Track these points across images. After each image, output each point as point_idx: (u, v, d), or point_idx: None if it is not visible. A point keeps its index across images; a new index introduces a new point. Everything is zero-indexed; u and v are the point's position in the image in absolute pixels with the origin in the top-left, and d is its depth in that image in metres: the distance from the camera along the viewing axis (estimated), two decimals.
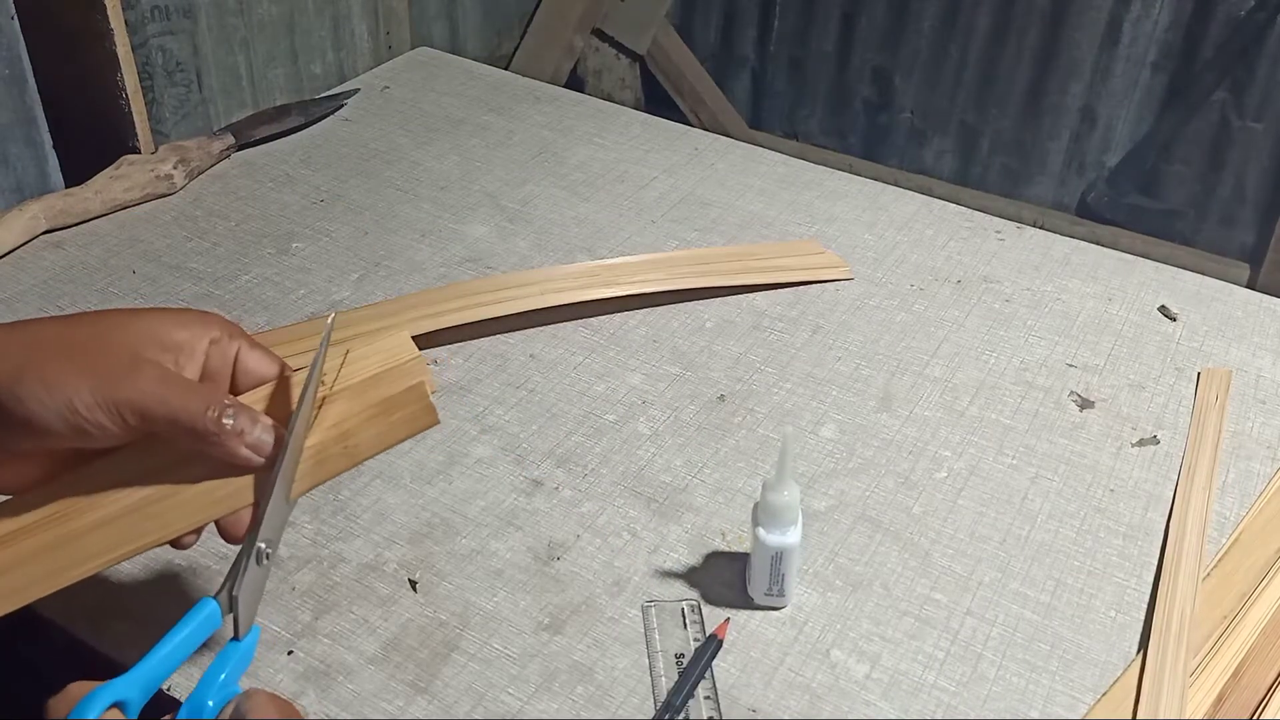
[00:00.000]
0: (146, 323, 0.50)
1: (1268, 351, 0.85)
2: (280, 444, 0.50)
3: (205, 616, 0.47)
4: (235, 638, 0.48)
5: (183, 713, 0.44)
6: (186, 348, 0.50)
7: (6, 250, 0.89)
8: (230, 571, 0.49)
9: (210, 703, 0.45)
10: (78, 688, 0.42)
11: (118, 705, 0.42)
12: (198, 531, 0.52)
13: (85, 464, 0.51)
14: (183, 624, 0.47)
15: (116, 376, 0.47)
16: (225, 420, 0.48)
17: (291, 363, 0.55)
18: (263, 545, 0.49)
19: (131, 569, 0.64)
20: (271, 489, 0.49)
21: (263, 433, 0.49)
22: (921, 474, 0.73)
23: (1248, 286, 0.95)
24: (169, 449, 0.50)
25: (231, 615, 0.48)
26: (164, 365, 0.49)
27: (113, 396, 0.46)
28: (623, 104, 1.28)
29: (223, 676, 0.46)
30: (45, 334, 0.48)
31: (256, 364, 0.53)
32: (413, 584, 0.64)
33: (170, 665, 0.46)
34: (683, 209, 1.00)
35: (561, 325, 0.84)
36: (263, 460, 0.49)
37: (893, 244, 0.96)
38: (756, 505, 0.61)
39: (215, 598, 0.48)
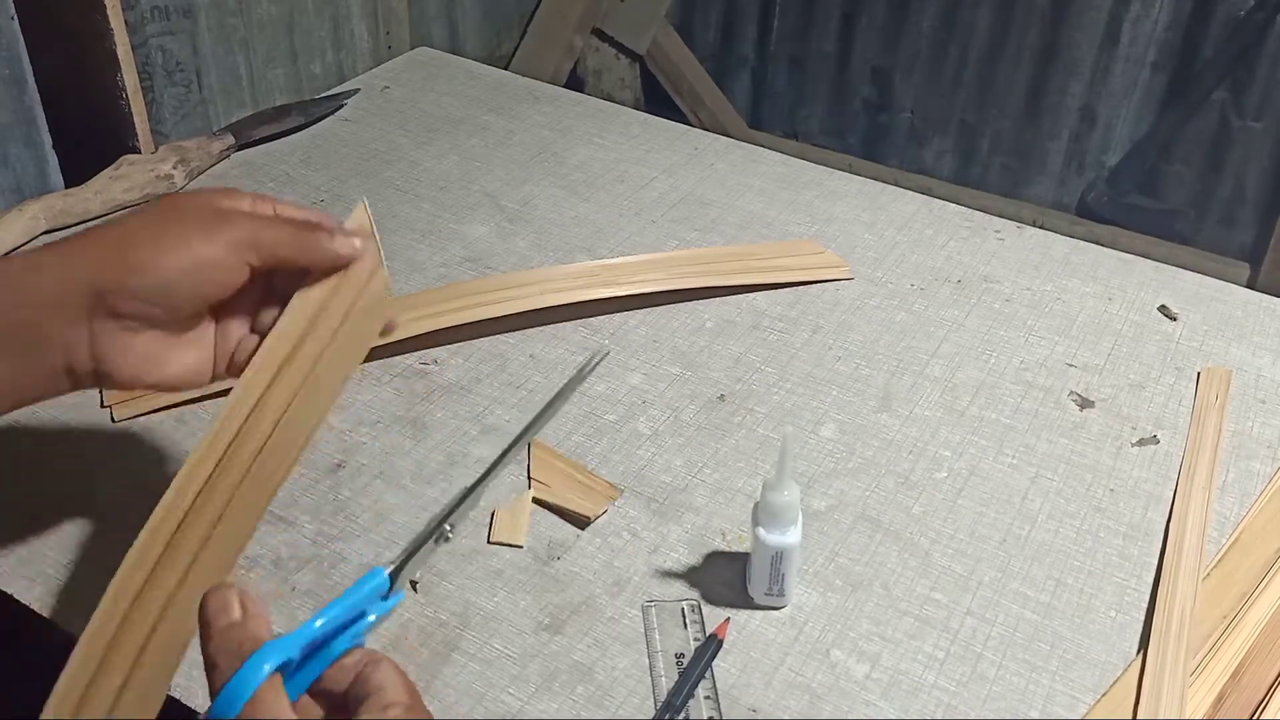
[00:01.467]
0: (210, 192, 0.55)
1: (1268, 351, 0.85)
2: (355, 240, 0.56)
3: (374, 587, 0.46)
4: (385, 596, 0.47)
5: (302, 635, 0.43)
6: (258, 203, 0.55)
7: (6, 250, 0.89)
8: (408, 549, 0.52)
9: (342, 646, 0.43)
10: (248, 641, 0.40)
11: (282, 667, 0.41)
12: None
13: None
14: (353, 590, 0.46)
15: (215, 223, 0.52)
16: (318, 231, 0.54)
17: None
18: (447, 527, 0.54)
19: None
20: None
21: (342, 232, 0.55)
22: (921, 474, 0.73)
23: (1248, 286, 0.95)
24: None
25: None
26: (248, 211, 0.54)
27: (220, 236, 0.51)
28: (623, 104, 1.28)
29: (362, 621, 0.44)
30: (133, 220, 0.53)
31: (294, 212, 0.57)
32: (413, 584, 0.64)
33: (336, 629, 0.44)
34: (683, 209, 1.00)
35: (561, 325, 0.84)
36: (357, 252, 0.55)
37: (892, 244, 0.96)
38: (756, 505, 0.61)
39: (387, 569, 0.47)
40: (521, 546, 0.66)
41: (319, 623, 0.43)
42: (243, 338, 0.56)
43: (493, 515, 0.68)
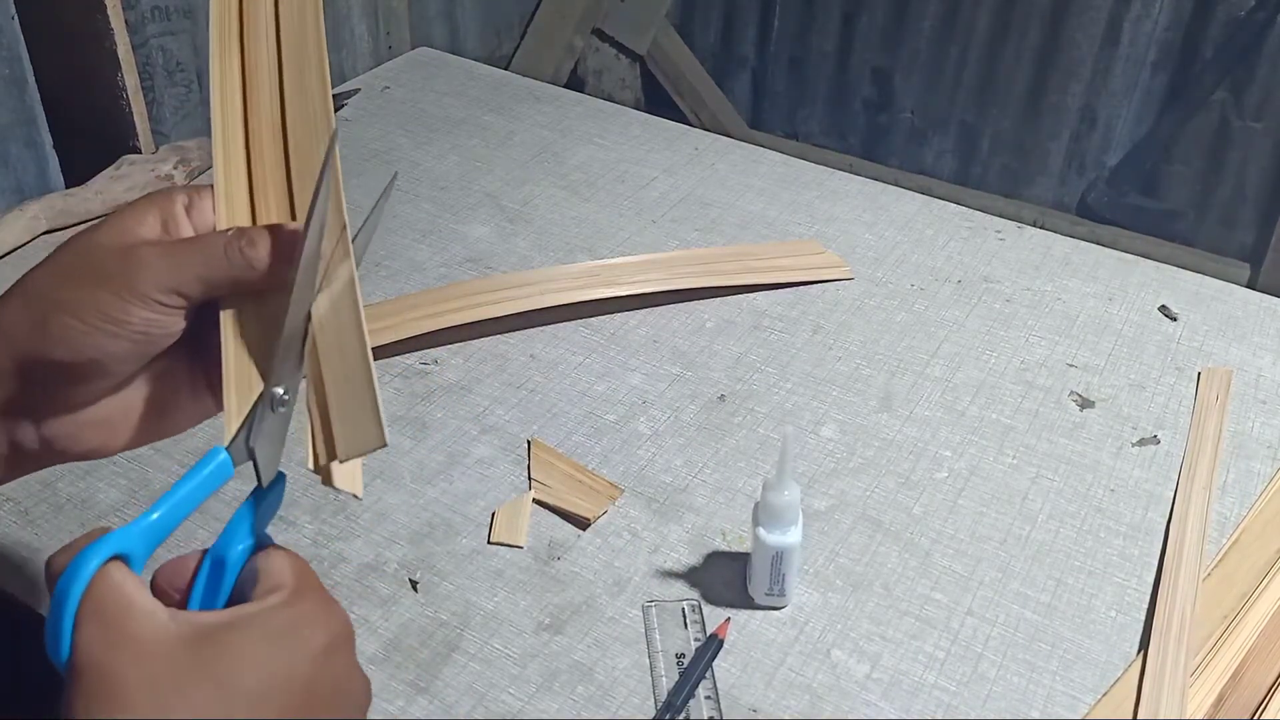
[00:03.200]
0: (122, 220, 0.47)
1: (1268, 351, 0.85)
2: (295, 242, 0.46)
3: (215, 466, 0.43)
4: (259, 486, 0.44)
5: (208, 557, 0.42)
6: (170, 224, 0.48)
7: (7, 250, 0.89)
8: (244, 421, 0.45)
9: (240, 548, 0.42)
10: (82, 539, 0.39)
11: (120, 558, 0.39)
12: None
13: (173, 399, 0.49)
14: (190, 475, 0.43)
15: (126, 274, 0.44)
16: (247, 251, 0.46)
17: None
18: (279, 391, 0.45)
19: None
20: (282, 325, 0.45)
21: (286, 239, 0.46)
22: (922, 474, 0.73)
23: (1248, 286, 0.95)
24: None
25: (252, 465, 0.44)
26: (159, 241, 0.47)
27: (135, 291, 0.44)
28: (623, 104, 1.28)
29: (249, 525, 0.42)
30: (39, 282, 0.46)
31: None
32: (413, 584, 0.64)
33: (177, 517, 0.42)
34: (683, 209, 1.00)
35: (561, 325, 0.84)
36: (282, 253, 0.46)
37: (893, 244, 0.96)
38: (757, 505, 0.61)
39: (227, 448, 0.44)
40: (522, 547, 0.66)
41: (155, 515, 0.41)
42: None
43: (493, 516, 0.68)
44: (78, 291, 0.44)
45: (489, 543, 0.67)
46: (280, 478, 0.45)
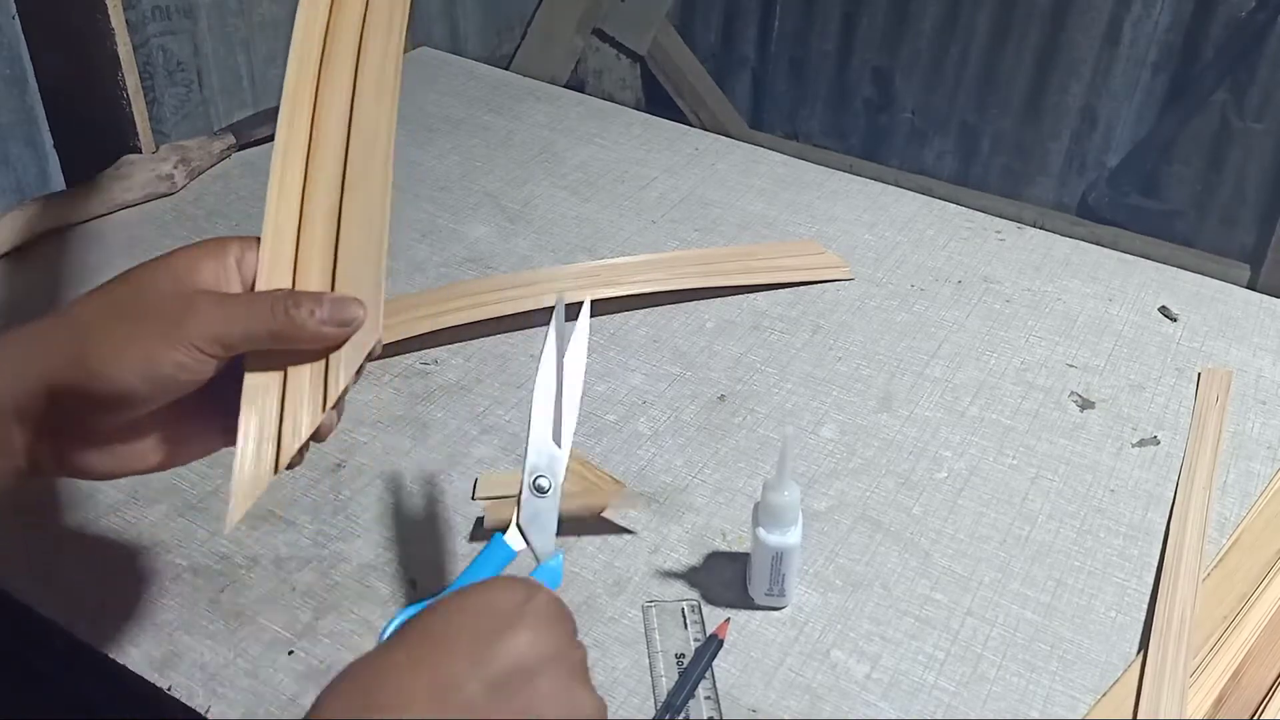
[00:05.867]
0: (177, 264, 0.49)
1: (1268, 352, 0.85)
2: (356, 309, 0.50)
3: (499, 553, 0.52)
4: (538, 563, 0.52)
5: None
6: (221, 273, 0.50)
7: (6, 250, 0.89)
8: (515, 510, 0.53)
9: None
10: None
11: None
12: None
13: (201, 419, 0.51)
14: (479, 561, 0.51)
15: (176, 318, 0.47)
16: (292, 311, 0.48)
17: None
18: (536, 476, 0.53)
19: (131, 569, 0.64)
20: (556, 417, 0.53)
21: (332, 307, 0.49)
22: (922, 474, 0.73)
23: (1248, 287, 0.95)
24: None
25: (527, 547, 0.52)
26: (213, 292, 0.49)
27: (183, 336, 0.46)
28: (623, 104, 1.28)
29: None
30: (88, 311, 0.48)
31: None
32: (413, 584, 0.64)
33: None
34: (683, 209, 1.00)
35: None
36: (349, 330, 0.50)
37: (893, 244, 0.96)
38: (757, 505, 0.61)
39: (503, 535, 0.52)
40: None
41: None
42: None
43: (475, 481, 0.68)
44: (127, 327, 0.47)
45: (473, 499, 0.67)
46: (557, 556, 0.53)
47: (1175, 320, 0.88)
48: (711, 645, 0.60)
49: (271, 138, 0.55)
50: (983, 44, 1.68)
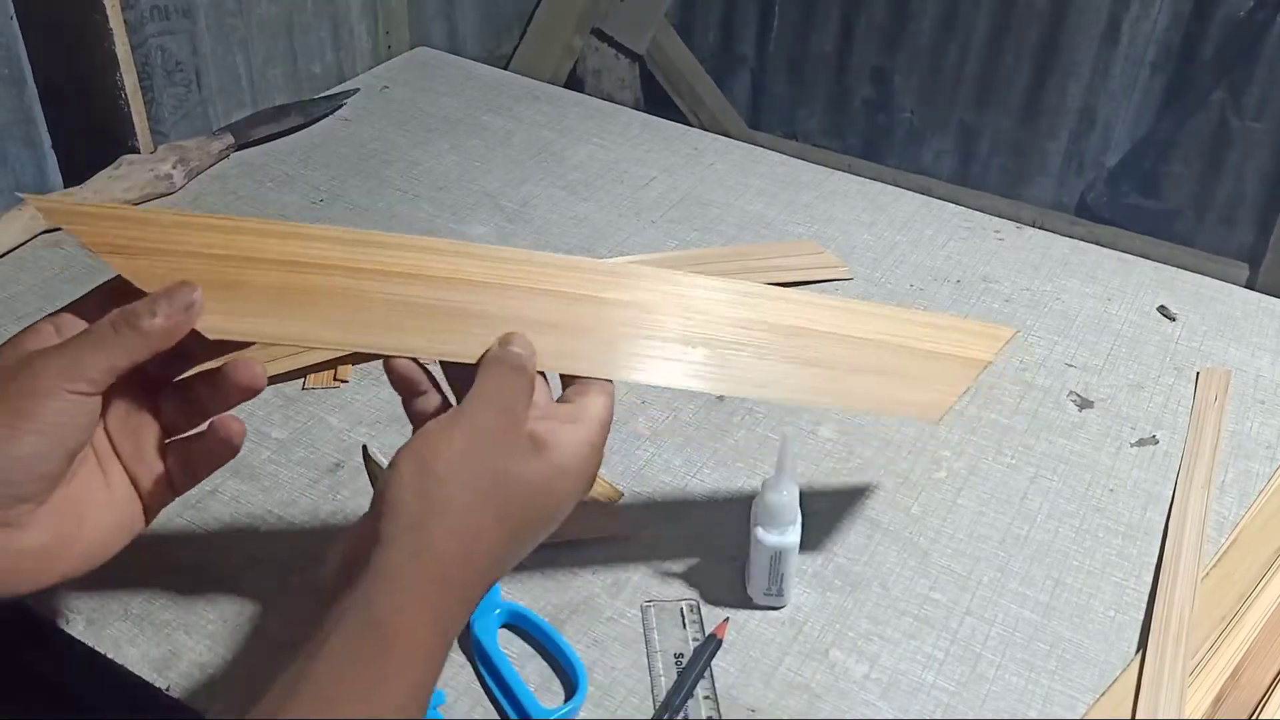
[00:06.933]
0: (14, 344, 0.50)
1: (1267, 351, 0.85)
2: (188, 290, 0.49)
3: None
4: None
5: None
6: (60, 331, 0.50)
7: (6, 250, 0.89)
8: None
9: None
10: None
11: None
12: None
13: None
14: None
15: (32, 374, 0.47)
16: (134, 323, 0.48)
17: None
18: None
19: (131, 569, 0.63)
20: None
21: (166, 301, 0.49)
22: (921, 474, 0.73)
23: (1247, 286, 0.95)
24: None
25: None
26: (52, 345, 0.49)
27: (40, 386, 0.47)
28: (622, 104, 1.28)
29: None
30: None
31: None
32: None
33: None
34: (682, 209, 1.00)
35: None
36: (195, 310, 0.49)
37: (892, 244, 0.96)
38: (755, 505, 0.61)
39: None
40: None
41: None
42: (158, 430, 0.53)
43: None
44: None
45: None
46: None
47: (1174, 320, 0.88)
48: (710, 645, 0.60)
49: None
50: (981, 44, 1.68)
